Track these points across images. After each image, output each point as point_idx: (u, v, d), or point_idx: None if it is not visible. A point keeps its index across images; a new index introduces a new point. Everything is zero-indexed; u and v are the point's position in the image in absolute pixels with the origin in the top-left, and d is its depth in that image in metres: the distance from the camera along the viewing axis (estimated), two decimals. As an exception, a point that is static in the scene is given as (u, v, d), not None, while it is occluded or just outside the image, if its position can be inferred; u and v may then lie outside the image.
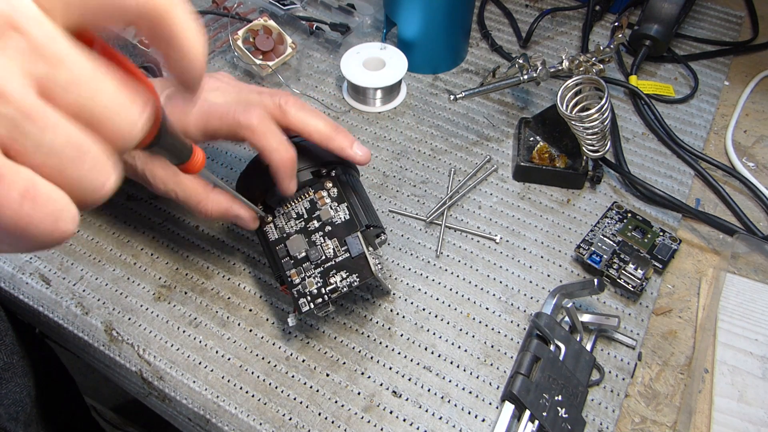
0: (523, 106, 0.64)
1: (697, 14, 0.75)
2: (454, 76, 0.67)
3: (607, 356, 0.45)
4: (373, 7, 0.72)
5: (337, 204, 0.43)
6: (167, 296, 0.48)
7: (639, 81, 0.66)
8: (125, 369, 0.46)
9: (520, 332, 0.46)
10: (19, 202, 0.18)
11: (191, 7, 0.22)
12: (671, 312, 0.48)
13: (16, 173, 0.18)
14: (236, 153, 0.59)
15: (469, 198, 0.55)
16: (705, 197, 0.56)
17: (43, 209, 0.18)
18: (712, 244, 0.52)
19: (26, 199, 0.18)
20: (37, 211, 0.18)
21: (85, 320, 0.47)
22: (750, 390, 0.42)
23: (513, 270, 0.50)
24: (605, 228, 0.51)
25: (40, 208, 0.18)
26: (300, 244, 0.42)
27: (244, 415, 0.42)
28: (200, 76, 0.23)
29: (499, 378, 0.44)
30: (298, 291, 0.41)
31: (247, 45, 0.64)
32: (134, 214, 0.53)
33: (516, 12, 0.75)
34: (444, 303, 0.48)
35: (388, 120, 0.62)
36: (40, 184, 0.18)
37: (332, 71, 0.67)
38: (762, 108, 0.65)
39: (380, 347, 0.45)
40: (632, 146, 0.60)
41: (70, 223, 0.19)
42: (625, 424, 0.42)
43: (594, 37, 0.72)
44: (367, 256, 0.41)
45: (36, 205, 0.18)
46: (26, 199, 0.18)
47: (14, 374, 0.54)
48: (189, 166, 0.30)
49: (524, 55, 0.59)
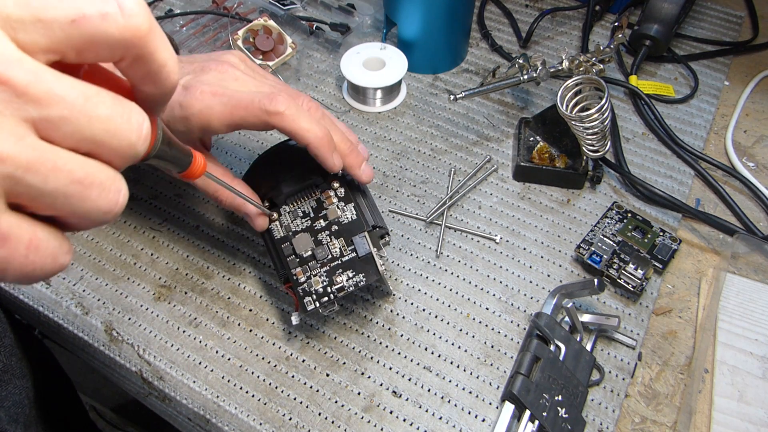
0: (523, 106, 0.64)
1: (697, 14, 0.75)
2: (454, 76, 0.67)
3: (607, 356, 0.45)
4: (373, 7, 0.72)
5: (344, 204, 0.43)
6: (167, 296, 0.48)
7: (639, 81, 0.66)
8: (125, 369, 0.46)
9: (520, 332, 0.46)
10: (25, 254, 0.19)
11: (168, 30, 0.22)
12: (671, 312, 0.48)
13: (20, 230, 0.19)
14: (237, 153, 0.59)
15: (469, 198, 0.55)
16: (705, 197, 0.56)
17: (44, 253, 0.20)
18: (712, 244, 0.52)
19: (30, 251, 0.19)
20: (39, 257, 0.20)
21: (85, 320, 0.47)
22: (750, 390, 0.42)
23: (513, 270, 0.50)
24: (605, 228, 0.51)
25: (42, 254, 0.20)
26: (306, 243, 0.42)
27: (244, 415, 0.42)
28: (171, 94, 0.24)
29: (499, 378, 0.44)
30: (303, 290, 0.41)
31: (247, 45, 0.64)
32: (134, 214, 0.53)
33: (516, 12, 0.75)
34: (444, 303, 0.48)
35: (388, 120, 0.62)
36: (40, 233, 0.20)
37: (332, 71, 0.67)
38: (762, 108, 0.65)
39: (380, 347, 0.45)
40: (632, 146, 0.60)
41: (67, 256, 0.21)
42: (625, 424, 0.42)
43: (594, 37, 0.72)
44: (374, 256, 0.41)
45: (39, 252, 0.20)
46: (30, 251, 0.19)
47: (13, 376, 0.54)
48: (189, 173, 0.30)
49: (524, 55, 0.59)
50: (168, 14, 0.72)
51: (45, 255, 0.20)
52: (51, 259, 0.20)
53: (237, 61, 0.42)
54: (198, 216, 0.53)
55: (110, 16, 0.19)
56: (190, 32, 0.69)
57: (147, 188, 0.55)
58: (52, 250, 0.20)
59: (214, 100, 0.38)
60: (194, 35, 0.69)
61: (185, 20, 0.71)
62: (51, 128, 0.18)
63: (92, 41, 0.19)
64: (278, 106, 0.37)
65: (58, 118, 0.18)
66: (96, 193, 0.20)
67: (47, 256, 0.20)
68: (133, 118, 0.20)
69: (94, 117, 0.19)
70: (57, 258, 0.20)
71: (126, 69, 0.21)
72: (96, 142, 0.19)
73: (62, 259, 0.20)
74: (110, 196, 0.20)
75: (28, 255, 0.19)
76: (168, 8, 0.74)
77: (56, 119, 0.18)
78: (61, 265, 0.21)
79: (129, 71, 0.21)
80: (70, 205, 0.19)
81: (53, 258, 0.20)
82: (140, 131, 0.21)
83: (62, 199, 0.19)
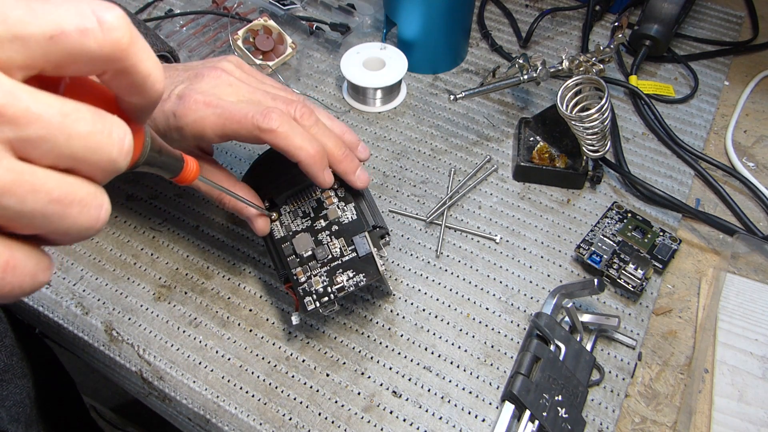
0: (523, 106, 0.64)
1: (697, 14, 0.75)
2: (454, 76, 0.67)
3: (607, 356, 0.45)
4: (373, 7, 0.72)
5: (344, 204, 0.43)
6: (167, 296, 0.48)
7: (639, 81, 0.66)
8: (125, 369, 0.46)
9: (520, 332, 0.46)
10: (2, 276, 0.19)
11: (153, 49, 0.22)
12: (671, 312, 0.48)
13: None
14: (237, 153, 0.59)
15: (469, 198, 0.55)
16: (705, 197, 0.56)
17: (22, 272, 0.19)
18: (712, 244, 0.52)
19: (7, 273, 0.19)
20: (17, 278, 0.19)
21: (85, 320, 0.47)
22: (750, 390, 0.42)
23: (513, 270, 0.50)
24: (605, 228, 0.51)
25: (19, 274, 0.19)
26: (306, 243, 0.42)
27: (244, 415, 0.42)
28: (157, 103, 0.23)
29: (499, 378, 0.44)
30: (303, 290, 0.41)
31: (247, 45, 0.64)
32: (134, 214, 0.53)
33: (516, 12, 0.75)
34: (444, 303, 0.48)
35: (388, 120, 0.62)
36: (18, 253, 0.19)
37: (332, 71, 0.67)
38: (762, 108, 0.65)
39: (380, 347, 0.45)
40: (632, 146, 0.60)
41: (46, 272, 0.20)
42: (625, 424, 0.42)
43: (594, 37, 0.72)
44: (374, 256, 0.41)
45: (16, 273, 0.19)
46: (7, 273, 0.19)
47: (14, 375, 0.54)
48: (181, 178, 0.30)
49: (524, 55, 0.59)
50: (168, 14, 0.72)
51: (23, 275, 0.19)
52: (29, 278, 0.20)
53: (232, 68, 0.42)
54: (198, 216, 0.53)
55: (89, 31, 0.18)
56: (190, 32, 0.69)
57: (147, 188, 0.55)
58: (31, 269, 0.20)
59: (207, 111, 0.38)
60: (194, 35, 0.69)
61: (185, 20, 0.71)
62: (29, 148, 0.18)
63: (71, 57, 0.18)
64: (271, 123, 0.37)
65: (36, 137, 0.18)
66: (76, 210, 0.19)
67: (25, 276, 0.19)
68: (114, 133, 0.20)
69: (73, 134, 0.18)
70: (36, 276, 0.20)
71: (109, 81, 0.21)
72: (76, 159, 0.19)
73: (41, 277, 0.20)
74: (91, 213, 0.20)
75: (4, 277, 0.19)
76: (168, 8, 0.74)
77: (34, 139, 0.18)
78: (41, 283, 0.20)
79: (112, 83, 0.21)
80: (49, 224, 0.19)
81: (32, 277, 0.20)
82: (121, 146, 0.20)
83: (41, 219, 0.19)
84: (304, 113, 0.40)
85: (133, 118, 0.23)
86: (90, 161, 0.19)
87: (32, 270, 0.20)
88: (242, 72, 0.43)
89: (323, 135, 0.41)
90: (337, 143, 0.41)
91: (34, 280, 0.20)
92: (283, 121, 0.38)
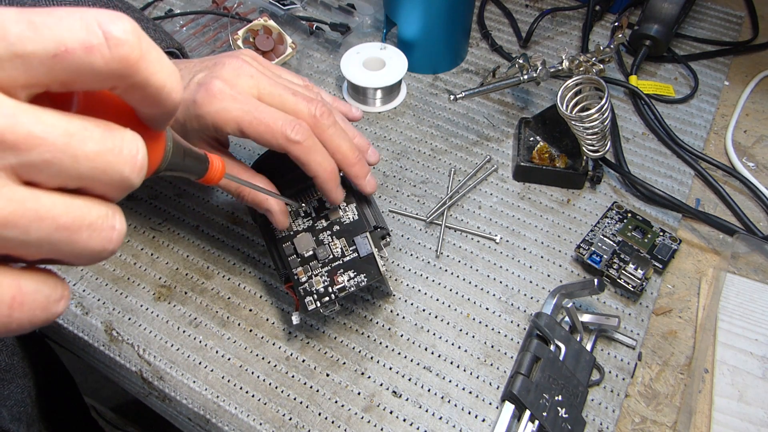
0: (523, 106, 0.64)
1: (697, 14, 0.75)
2: (454, 76, 0.67)
3: (607, 356, 0.45)
4: (373, 7, 0.72)
5: (345, 204, 0.43)
6: (167, 296, 0.48)
7: (639, 81, 0.66)
8: (125, 369, 0.46)
9: (520, 332, 0.46)
10: (8, 313, 0.18)
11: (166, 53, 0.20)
12: (671, 312, 0.48)
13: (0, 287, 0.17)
14: (236, 153, 0.59)
15: (469, 198, 0.55)
16: (705, 197, 0.56)
17: (32, 306, 0.18)
18: (712, 244, 0.53)
19: (14, 308, 0.18)
20: (26, 313, 0.18)
21: (85, 320, 0.47)
22: (750, 390, 0.42)
23: (513, 270, 0.50)
24: (605, 228, 0.51)
25: (28, 309, 0.18)
26: (308, 243, 0.42)
27: (244, 415, 0.42)
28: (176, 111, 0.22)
29: (499, 378, 0.44)
30: (304, 289, 0.41)
31: (247, 45, 0.64)
32: (134, 214, 0.53)
33: (516, 12, 0.75)
34: (444, 303, 0.48)
35: (388, 120, 0.62)
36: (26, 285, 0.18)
37: (332, 71, 0.67)
38: (762, 108, 0.65)
39: (380, 347, 0.45)
40: (632, 146, 0.60)
41: (61, 302, 0.19)
42: (625, 424, 0.42)
43: (594, 37, 0.72)
44: (376, 256, 0.41)
45: (24, 308, 0.18)
46: (14, 308, 0.18)
47: (15, 375, 0.54)
48: (207, 179, 0.29)
49: (524, 55, 0.59)
50: (168, 14, 0.72)
51: (32, 308, 0.18)
52: (41, 311, 0.18)
53: (250, 59, 0.42)
54: (198, 216, 0.53)
55: (95, 48, 0.17)
56: (190, 32, 0.69)
57: (147, 188, 0.55)
58: (42, 301, 0.18)
59: (234, 105, 0.38)
60: (194, 35, 0.69)
61: (185, 20, 0.71)
62: (33, 172, 0.17)
63: (77, 75, 0.17)
64: (298, 135, 0.38)
65: (40, 161, 0.17)
66: (86, 235, 0.18)
67: (35, 309, 0.18)
68: (125, 149, 0.19)
69: (80, 155, 0.17)
70: (48, 309, 0.19)
71: (122, 95, 0.20)
72: (85, 179, 0.18)
73: (55, 308, 0.19)
74: (102, 235, 0.19)
75: (11, 314, 0.18)
76: (168, 8, 0.74)
77: (38, 163, 0.17)
78: (55, 314, 0.19)
79: (125, 96, 0.20)
80: (58, 251, 0.18)
81: (43, 310, 0.18)
82: (134, 163, 0.19)
83: (48, 247, 0.18)
84: (323, 112, 0.40)
85: (152, 125, 0.22)
86: (101, 181, 0.18)
87: (43, 302, 0.18)
88: (260, 64, 0.42)
89: (339, 136, 0.41)
90: (351, 146, 0.41)
91: (47, 312, 0.19)
92: (309, 136, 0.38)
